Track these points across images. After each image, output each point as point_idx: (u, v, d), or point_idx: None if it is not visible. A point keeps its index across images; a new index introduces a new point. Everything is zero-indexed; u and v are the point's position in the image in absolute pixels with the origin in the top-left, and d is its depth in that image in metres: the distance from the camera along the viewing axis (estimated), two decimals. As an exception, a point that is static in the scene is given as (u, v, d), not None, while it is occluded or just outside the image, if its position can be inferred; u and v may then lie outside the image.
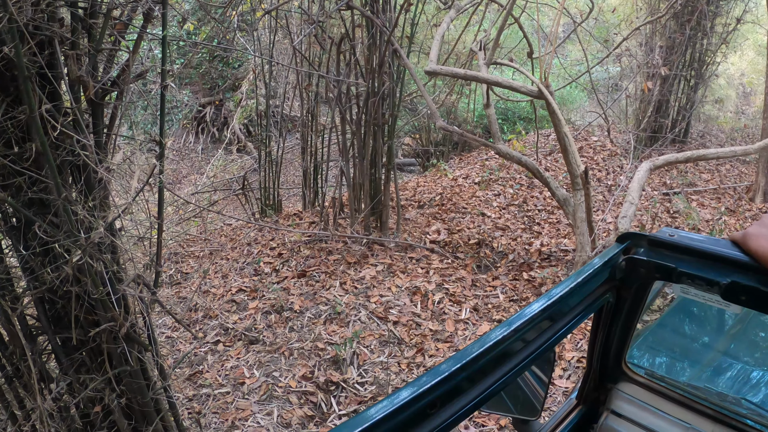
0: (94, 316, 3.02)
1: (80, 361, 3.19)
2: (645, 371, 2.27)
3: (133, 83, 3.03)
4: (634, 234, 1.89)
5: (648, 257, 1.84)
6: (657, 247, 1.84)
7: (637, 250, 1.88)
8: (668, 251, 1.82)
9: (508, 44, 12.19)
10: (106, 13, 2.73)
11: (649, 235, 1.84)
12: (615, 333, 2.10)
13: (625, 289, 1.95)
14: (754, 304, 1.67)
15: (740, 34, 13.40)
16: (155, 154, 3.11)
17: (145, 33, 3.01)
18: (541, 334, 1.59)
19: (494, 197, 9.94)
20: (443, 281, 6.92)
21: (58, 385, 3.15)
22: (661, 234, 1.84)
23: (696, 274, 1.73)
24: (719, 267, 1.68)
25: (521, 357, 1.53)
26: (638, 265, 1.86)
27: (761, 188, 10.29)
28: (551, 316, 1.60)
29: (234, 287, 6.86)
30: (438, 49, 7.27)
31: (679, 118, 12.59)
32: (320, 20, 7.24)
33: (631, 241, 1.90)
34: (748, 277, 1.61)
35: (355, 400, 5.10)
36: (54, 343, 3.10)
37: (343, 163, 7.86)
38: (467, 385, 1.37)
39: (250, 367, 5.51)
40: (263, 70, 9.60)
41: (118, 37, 2.92)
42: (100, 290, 2.85)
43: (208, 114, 16.02)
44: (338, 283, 6.80)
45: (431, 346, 5.75)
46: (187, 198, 10.68)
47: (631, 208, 7.24)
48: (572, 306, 1.71)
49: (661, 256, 1.83)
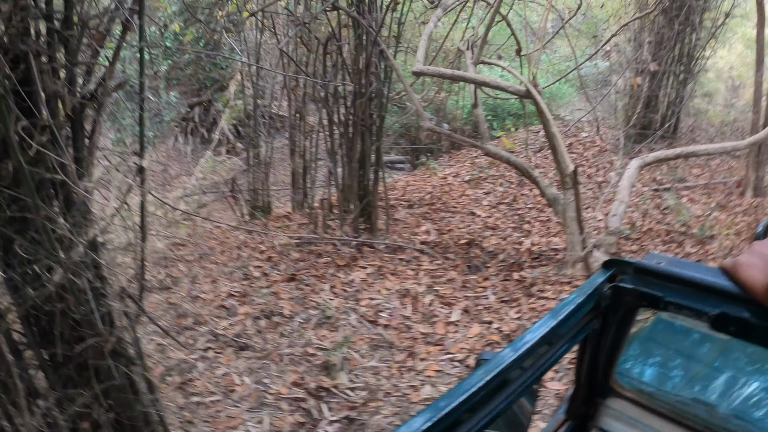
0: (79, 331, 2.99)
1: (68, 377, 3.15)
2: (634, 386, 2.24)
3: (113, 94, 2.99)
4: (619, 261, 1.83)
5: (634, 285, 1.79)
6: (643, 274, 1.79)
7: (622, 278, 1.83)
8: (655, 279, 1.76)
9: (497, 41, 12.17)
10: (82, 25, 2.68)
11: (635, 263, 1.79)
12: (602, 353, 2.06)
13: (612, 314, 1.91)
14: (744, 335, 1.62)
15: (729, 28, 13.40)
16: (137, 167, 3.06)
17: (124, 43, 2.97)
18: (531, 366, 1.57)
19: (484, 196, 9.92)
20: (433, 283, 6.89)
21: (46, 401, 3.11)
22: (647, 261, 1.79)
23: (684, 303, 1.68)
24: (708, 297, 1.63)
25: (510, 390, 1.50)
26: (624, 293, 1.81)
27: (751, 183, 10.28)
28: (539, 347, 1.56)
29: (223, 292, 6.81)
30: (425, 49, 7.24)
31: (668, 113, 12.58)
32: (306, 22, 7.20)
33: (617, 268, 1.84)
34: (738, 307, 1.56)
35: (346, 406, 5.06)
36: (41, 358, 3.06)
37: (331, 165, 7.82)
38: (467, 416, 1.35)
39: (240, 374, 5.46)
40: (250, 70, 9.55)
41: (97, 48, 2.87)
42: (82, 309, 2.81)
43: (197, 115, 15.95)
44: (328, 286, 6.76)
45: (422, 350, 5.72)
46: (173, 204, 10.62)
47: (621, 206, 7.23)
48: (559, 337, 1.68)
49: (648, 285, 1.77)
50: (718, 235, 8.28)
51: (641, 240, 8.00)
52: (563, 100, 16.98)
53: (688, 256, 7.61)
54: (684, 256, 7.59)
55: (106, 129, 14.83)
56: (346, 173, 7.69)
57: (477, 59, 7.40)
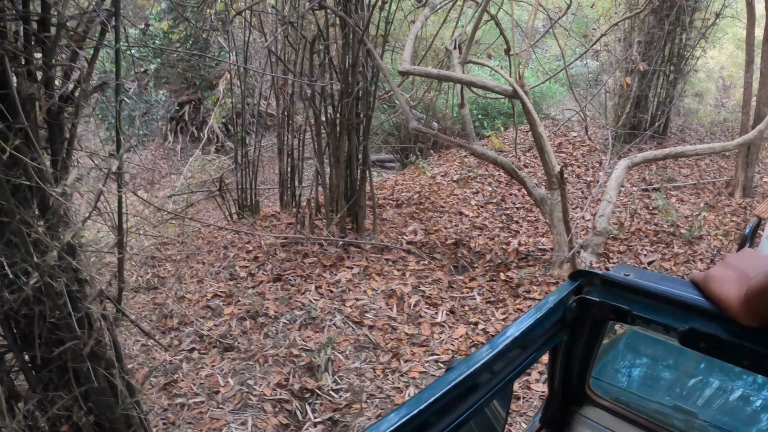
0: (58, 334, 2.97)
1: (48, 379, 3.14)
2: (611, 395, 2.22)
3: (92, 95, 2.97)
4: (586, 272, 1.78)
5: (601, 298, 1.74)
6: (611, 286, 1.74)
7: (589, 290, 1.79)
8: (623, 292, 1.72)
9: (486, 40, 12.14)
10: (58, 26, 2.66)
11: (602, 274, 1.74)
12: (574, 362, 2.03)
13: (579, 326, 1.87)
14: (714, 352, 1.56)
15: (719, 29, 13.40)
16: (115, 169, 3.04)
17: (102, 44, 2.94)
18: (500, 371, 1.54)
19: (472, 195, 9.90)
20: (419, 283, 6.87)
21: (26, 404, 3.09)
22: (615, 273, 1.74)
23: (652, 318, 1.64)
24: (677, 311, 1.59)
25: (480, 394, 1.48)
26: (590, 306, 1.76)
27: (740, 183, 10.29)
28: (506, 352, 1.54)
29: (209, 292, 6.79)
30: (411, 49, 7.22)
31: (658, 113, 12.59)
32: (292, 21, 7.18)
33: (584, 279, 1.79)
34: (708, 322, 1.52)
35: (330, 408, 5.05)
36: (22, 361, 3.04)
37: (318, 164, 7.80)
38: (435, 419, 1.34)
39: (224, 375, 5.45)
40: (238, 70, 9.52)
41: (76, 49, 2.85)
42: (57, 313, 2.79)
43: (187, 113, 15.92)
44: (314, 286, 6.74)
45: (407, 351, 5.71)
46: (160, 203, 10.59)
47: (608, 206, 7.23)
48: (527, 343, 1.65)
49: (615, 297, 1.72)
50: (706, 235, 8.28)
51: (629, 240, 8.00)
52: (553, 99, 16.98)
53: (676, 257, 7.61)
54: (672, 257, 7.60)
55: (95, 127, 14.82)
56: (333, 173, 7.67)
57: (464, 59, 7.37)
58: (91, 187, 2.76)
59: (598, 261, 7.20)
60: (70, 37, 2.81)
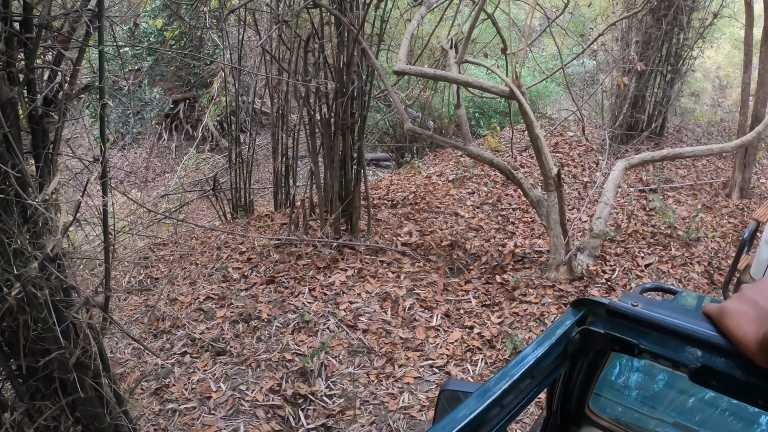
0: (43, 344, 2.91)
1: (36, 388, 3.08)
2: (611, 414, 2.14)
3: (79, 97, 2.90)
4: (590, 301, 1.67)
5: (606, 329, 1.63)
6: (616, 317, 1.63)
7: (593, 320, 1.67)
8: (629, 323, 1.60)
9: (483, 38, 12.08)
10: (40, 27, 2.58)
11: (608, 304, 1.62)
12: (574, 386, 1.94)
13: (582, 355, 1.78)
14: (727, 391, 1.47)
15: (717, 28, 13.34)
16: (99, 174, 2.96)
17: (87, 45, 2.87)
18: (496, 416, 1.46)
19: (468, 196, 9.83)
20: (414, 286, 6.80)
21: (12, 414, 3.03)
22: (622, 302, 1.62)
23: (660, 353, 1.53)
24: (688, 346, 1.49)
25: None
26: (594, 338, 1.66)
27: (738, 184, 10.24)
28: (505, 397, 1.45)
29: (202, 295, 6.72)
30: (407, 48, 7.14)
31: (655, 113, 12.53)
32: (286, 19, 7.10)
33: (587, 308, 1.69)
34: (721, 359, 1.41)
35: (323, 414, 4.98)
36: (8, 370, 2.99)
37: (312, 164, 7.72)
38: None
39: (216, 380, 5.38)
40: (232, 68, 9.43)
41: (61, 50, 2.77)
42: (39, 325, 2.73)
43: (182, 111, 15.84)
44: (307, 289, 6.66)
45: (401, 355, 5.64)
46: (151, 204, 10.51)
47: (606, 209, 7.17)
48: (526, 384, 1.55)
49: (622, 329, 1.61)
50: (703, 237, 8.23)
51: (626, 242, 7.93)
52: (550, 98, 16.92)
53: (673, 259, 7.55)
54: (669, 259, 7.54)
55: (89, 125, 14.74)
56: (328, 173, 7.59)
57: (461, 58, 7.30)
58: (71, 197, 2.68)
59: (594, 264, 7.14)
60: (55, 38, 2.74)
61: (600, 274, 7.02)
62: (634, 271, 7.14)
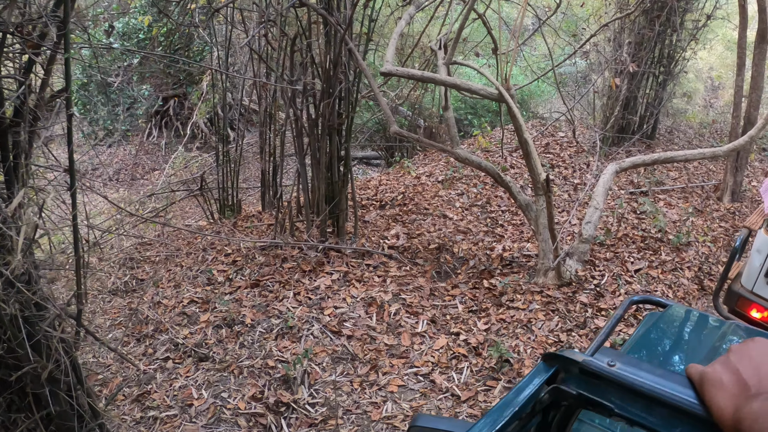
0: (16, 358, 2.85)
1: (10, 400, 3.02)
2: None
3: (51, 105, 2.82)
4: (562, 357, 1.53)
5: (578, 389, 1.51)
6: (591, 377, 1.50)
7: (565, 378, 1.56)
8: (605, 384, 1.48)
9: (474, 38, 12.02)
10: (4, 34, 2.50)
11: (582, 363, 1.49)
12: None
13: (553, 408, 1.65)
14: None
15: (709, 30, 13.30)
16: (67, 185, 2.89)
17: (57, 51, 2.78)
18: None
19: (457, 197, 9.75)
20: (400, 291, 6.72)
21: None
22: (598, 360, 1.49)
23: (636, 419, 1.41)
24: (667, 413, 1.36)
25: None
26: (565, 397, 1.56)
27: (729, 187, 10.20)
28: None
29: (186, 298, 6.63)
30: (395, 49, 7.06)
31: (647, 114, 12.49)
32: (271, 19, 7.01)
33: (560, 365, 1.58)
34: (701, 429, 1.28)
35: (306, 422, 4.91)
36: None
37: (299, 166, 7.64)
38: None
39: (198, 386, 5.30)
40: (220, 66, 9.34)
41: (31, 56, 2.69)
42: (9, 340, 2.66)
43: (171, 108, 15.75)
44: (292, 293, 6.58)
45: (385, 363, 5.56)
46: (137, 203, 10.43)
47: (595, 213, 7.11)
48: None
49: (595, 390, 1.49)
50: (694, 242, 8.17)
51: (616, 247, 7.87)
52: (541, 98, 16.88)
53: (663, 264, 7.49)
54: (659, 264, 7.48)
55: (78, 123, 14.66)
56: (314, 175, 7.51)
57: (450, 59, 7.22)
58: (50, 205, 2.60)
59: (584, 269, 7.07)
60: (25, 44, 2.66)
61: (589, 279, 6.96)
62: (623, 277, 7.08)
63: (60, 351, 3.00)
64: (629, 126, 12.42)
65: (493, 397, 5.15)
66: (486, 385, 5.30)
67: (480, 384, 5.31)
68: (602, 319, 6.20)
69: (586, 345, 5.78)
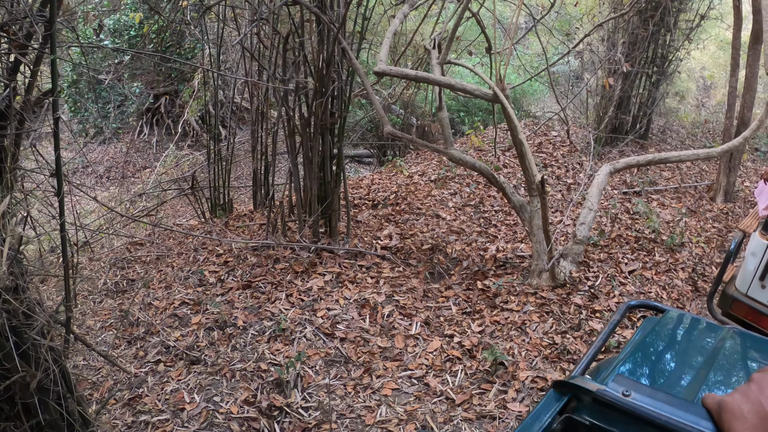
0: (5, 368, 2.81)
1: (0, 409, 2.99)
2: None
3: (36, 106, 2.77)
4: (576, 386, 1.47)
5: (591, 419, 1.47)
6: (604, 407, 1.46)
7: (578, 408, 1.51)
8: (619, 415, 1.44)
9: (468, 36, 11.97)
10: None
11: (595, 392, 1.44)
12: None
13: None
14: None
15: (703, 30, 13.28)
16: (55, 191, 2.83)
17: (44, 52, 2.73)
18: None
19: (450, 197, 9.71)
20: (394, 292, 6.67)
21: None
22: (611, 390, 1.45)
23: None
24: None
25: None
26: (578, 427, 1.50)
27: (722, 188, 10.20)
28: None
29: (177, 299, 6.57)
30: (388, 48, 7.01)
31: (640, 114, 12.47)
32: (263, 17, 6.94)
33: (572, 394, 1.53)
34: None
35: (299, 427, 4.86)
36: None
37: (291, 166, 7.59)
38: None
39: (190, 390, 5.24)
40: (211, 65, 9.27)
41: (18, 57, 2.64)
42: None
43: (163, 105, 15.67)
44: (284, 295, 6.52)
45: (379, 366, 5.51)
46: (127, 204, 10.36)
47: (590, 214, 7.08)
48: None
49: (609, 421, 1.45)
50: (688, 242, 8.15)
51: (610, 248, 7.84)
52: (534, 97, 16.87)
53: (657, 265, 7.47)
54: (653, 265, 7.46)
55: (68, 120, 14.59)
56: (306, 174, 7.45)
57: (443, 59, 7.17)
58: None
59: (578, 270, 7.04)
60: (11, 43, 2.61)
61: (583, 281, 6.93)
62: (617, 278, 7.05)
63: (49, 359, 2.96)
64: (622, 126, 12.40)
65: (487, 400, 5.12)
66: (481, 388, 5.26)
67: (475, 387, 5.28)
68: (597, 320, 6.17)
69: (581, 347, 5.75)
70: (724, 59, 12.85)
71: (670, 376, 2.63)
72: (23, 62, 2.67)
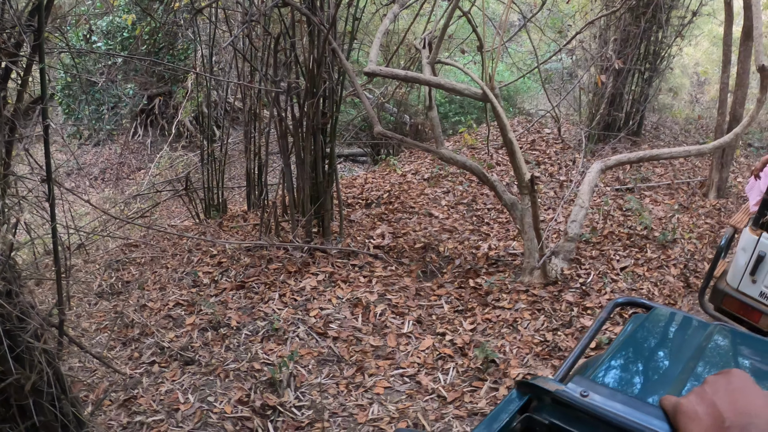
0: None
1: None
2: None
3: (29, 113, 2.80)
4: (536, 387, 1.52)
5: (551, 418, 1.51)
6: (563, 407, 1.50)
7: (538, 407, 1.56)
8: (577, 415, 1.47)
9: (460, 35, 11.99)
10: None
11: (554, 392, 1.48)
12: None
13: None
14: None
15: (695, 26, 13.31)
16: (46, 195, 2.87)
17: (33, 60, 2.76)
18: None
19: (443, 195, 9.75)
20: (386, 291, 6.71)
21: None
22: (571, 390, 1.49)
23: None
24: None
25: None
26: (537, 426, 1.54)
27: (715, 184, 10.22)
28: None
29: (171, 301, 6.60)
30: (378, 48, 7.04)
31: (632, 111, 12.49)
32: (254, 19, 6.97)
33: (533, 394, 1.59)
34: None
35: (292, 426, 4.89)
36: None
37: (283, 166, 7.62)
38: None
39: (185, 391, 5.27)
40: (204, 66, 9.30)
41: (9, 64, 2.67)
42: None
43: (157, 106, 15.69)
44: (277, 294, 6.56)
45: (371, 364, 5.55)
46: (121, 206, 10.38)
47: (581, 212, 7.11)
48: None
49: (568, 420, 1.48)
50: (680, 239, 8.18)
51: (602, 244, 7.88)
52: (527, 94, 16.88)
53: (649, 262, 7.50)
54: (645, 262, 7.49)
55: (62, 122, 14.60)
56: (299, 175, 7.48)
57: (434, 58, 7.20)
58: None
59: (569, 267, 7.08)
60: (1, 52, 2.64)
61: (575, 278, 6.96)
62: (609, 275, 7.08)
63: (43, 362, 2.99)
64: (615, 123, 12.42)
65: (478, 398, 5.15)
66: (472, 386, 5.29)
67: (466, 385, 5.31)
68: (588, 317, 6.20)
69: (572, 344, 5.77)
70: (717, 55, 12.88)
71: (655, 373, 2.67)
72: (13, 70, 2.70)
